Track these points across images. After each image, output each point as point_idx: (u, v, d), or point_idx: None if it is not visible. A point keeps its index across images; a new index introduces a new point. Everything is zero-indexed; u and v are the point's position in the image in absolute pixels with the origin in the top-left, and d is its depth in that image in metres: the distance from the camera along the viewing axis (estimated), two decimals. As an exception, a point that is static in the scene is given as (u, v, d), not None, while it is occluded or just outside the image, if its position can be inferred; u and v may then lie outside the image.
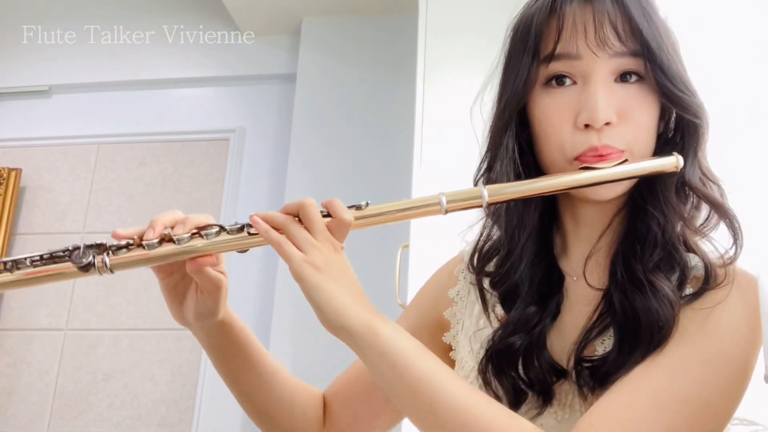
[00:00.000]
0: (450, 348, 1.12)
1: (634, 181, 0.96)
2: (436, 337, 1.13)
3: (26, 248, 3.44)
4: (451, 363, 1.11)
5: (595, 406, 0.87)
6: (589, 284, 0.99)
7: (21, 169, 3.55)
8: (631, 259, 0.95)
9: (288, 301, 3.10)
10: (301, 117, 3.40)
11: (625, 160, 0.92)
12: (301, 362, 2.95)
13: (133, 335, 3.31)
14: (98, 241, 0.92)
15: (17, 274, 0.91)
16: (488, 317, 1.05)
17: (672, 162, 0.93)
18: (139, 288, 3.34)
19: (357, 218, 0.93)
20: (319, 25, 3.52)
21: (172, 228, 0.93)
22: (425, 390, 0.84)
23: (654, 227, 0.95)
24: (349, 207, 0.93)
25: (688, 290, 0.93)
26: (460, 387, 0.85)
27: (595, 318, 0.96)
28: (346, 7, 3.46)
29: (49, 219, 3.53)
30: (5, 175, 3.50)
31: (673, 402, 0.85)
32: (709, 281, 0.91)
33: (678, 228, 0.95)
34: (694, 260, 0.95)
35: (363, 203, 0.93)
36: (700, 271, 0.93)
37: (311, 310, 0.89)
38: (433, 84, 2.57)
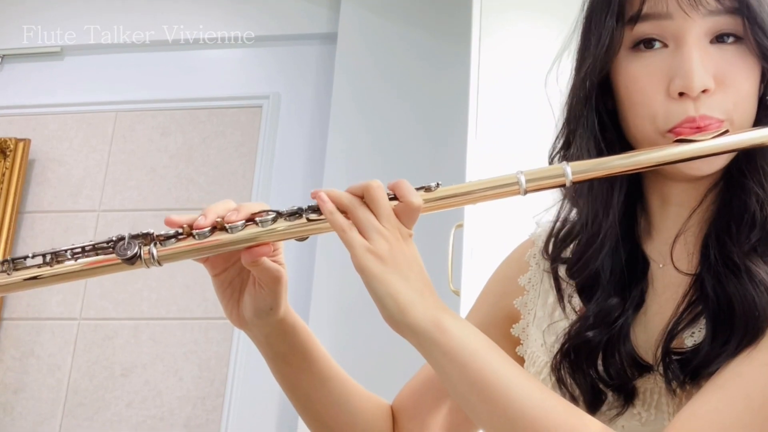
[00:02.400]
0: (518, 341, 1.10)
1: (733, 154, 0.92)
2: (506, 330, 1.11)
3: (35, 228, 3.39)
4: (519, 359, 1.07)
5: (685, 408, 0.84)
6: (677, 269, 0.96)
7: (30, 140, 3.45)
8: (726, 239, 0.92)
9: (326, 288, 3.03)
10: (342, 81, 3.32)
11: (726, 131, 0.89)
12: (341, 353, 2.81)
13: (156, 325, 3.23)
14: (144, 231, 0.92)
15: (57, 269, 0.91)
16: (564, 309, 1.02)
17: None
18: (163, 272, 3.26)
19: (426, 201, 0.91)
20: (362, -23, 3.48)
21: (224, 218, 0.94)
22: (497, 394, 0.83)
23: (752, 204, 0.92)
24: (417, 189, 0.91)
25: None
26: (536, 390, 0.84)
27: (684, 306, 0.93)
28: (392, -42, 3.41)
29: (61, 195, 3.44)
30: (12, 146, 3.39)
31: None
32: None
33: None
34: None
35: (433, 184, 0.92)
36: None
37: (351, 297, 0.80)
38: (490, 36, 2.54)
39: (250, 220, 0.92)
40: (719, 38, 0.91)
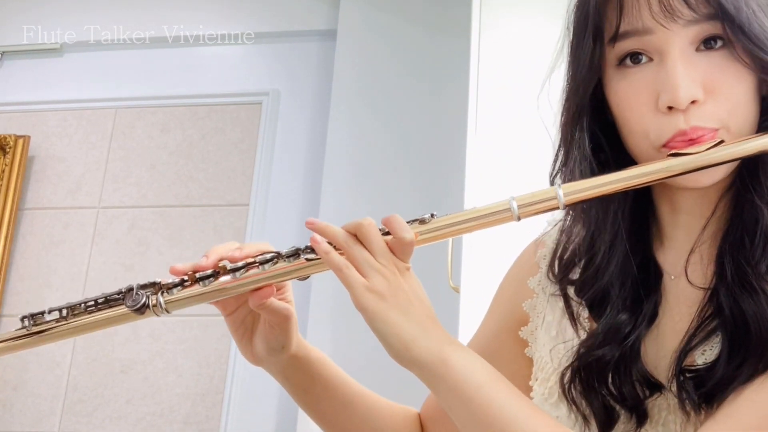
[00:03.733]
0: (526, 343, 1.09)
1: (736, 162, 0.90)
2: (516, 334, 1.10)
3: (35, 225, 3.40)
4: (528, 360, 1.08)
5: None
6: (690, 282, 0.95)
7: (29, 137, 3.44)
8: (740, 258, 0.90)
9: (325, 289, 3.02)
10: (342, 78, 3.30)
11: (721, 141, 0.87)
12: (341, 353, 2.85)
13: (155, 322, 3.20)
14: (151, 280, 0.97)
15: (73, 325, 0.97)
16: (576, 329, 1.01)
17: None
18: (161, 269, 3.10)
19: (421, 233, 0.92)
20: (362, -27, 3.49)
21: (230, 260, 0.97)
22: (502, 428, 0.84)
23: (762, 218, 0.90)
24: (411, 222, 0.92)
25: None
26: (542, 423, 0.84)
27: (698, 321, 0.91)
28: (393, -46, 3.43)
29: (60, 192, 3.45)
30: (12, 143, 3.39)
31: None
32: None
33: None
34: None
35: (427, 216, 0.93)
36: None
37: (348, 298, 0.90)
38: (490, 31, 2.54)
39: (252, 263, 0.94)
40: (707, 44, 0.89)
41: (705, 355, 0.90)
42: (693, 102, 0.87)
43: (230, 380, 3.08)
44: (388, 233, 0.92)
